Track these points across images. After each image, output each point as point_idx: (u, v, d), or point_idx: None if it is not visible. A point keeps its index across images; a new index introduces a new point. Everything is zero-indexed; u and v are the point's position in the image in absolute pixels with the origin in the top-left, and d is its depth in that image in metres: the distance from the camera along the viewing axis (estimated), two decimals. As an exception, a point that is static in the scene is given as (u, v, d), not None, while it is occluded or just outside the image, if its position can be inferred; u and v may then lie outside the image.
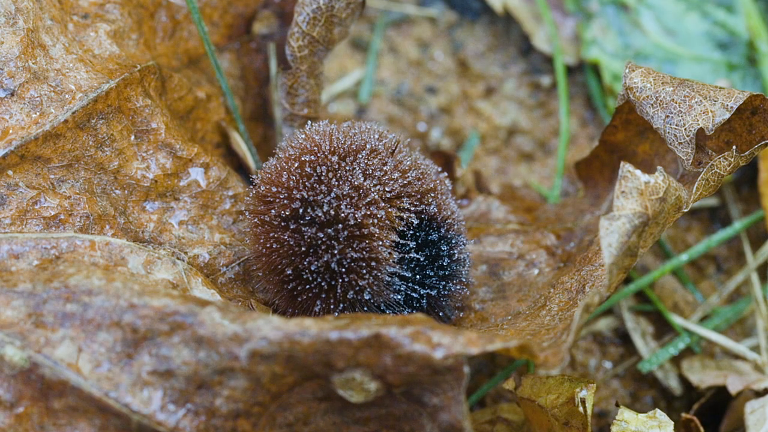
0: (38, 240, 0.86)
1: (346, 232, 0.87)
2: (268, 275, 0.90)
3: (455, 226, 0.94)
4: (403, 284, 0.91)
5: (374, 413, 0.82)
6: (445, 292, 0.93)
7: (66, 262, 0.85)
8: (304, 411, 0.81)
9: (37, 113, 0.89)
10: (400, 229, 0.90)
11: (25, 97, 0.89)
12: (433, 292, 0.93)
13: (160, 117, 0.94)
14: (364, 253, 0.87)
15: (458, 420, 0.79)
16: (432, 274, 0.92)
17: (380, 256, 0.88)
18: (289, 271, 0.88)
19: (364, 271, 0.88)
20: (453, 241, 0.93)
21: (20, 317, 0.81)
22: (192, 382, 0.80)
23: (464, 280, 0.95)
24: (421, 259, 0.92)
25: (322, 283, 0.88)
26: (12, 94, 0.89)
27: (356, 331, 0.78)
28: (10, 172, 0.88)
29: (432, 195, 0.93)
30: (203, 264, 0.93)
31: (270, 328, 0.78)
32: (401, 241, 0.90)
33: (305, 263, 0.88)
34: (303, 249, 0.87)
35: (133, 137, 0.93)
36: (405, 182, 0.91)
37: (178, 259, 0.91)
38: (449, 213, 0.94)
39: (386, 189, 0.89)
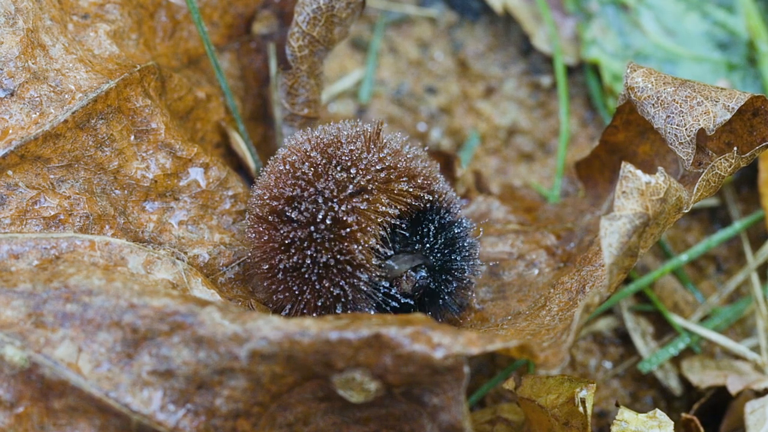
0: (38, 240, 0.86)
1: (322, 234, 0.86)
2: (253, 264, 0.91)
3: (458, 207, 0.95)
4: (381, 294, 0.90)
5: (374, 413, 0.82)
6: (468, 275, 0.93)
7: (66, 262, 0.85)
8: (304, 411, 0.81)
9: (37, 113, 0.89)
10: (400, 224, 0.90)
11: (25, 97, 0.89)
12: (431, 308, 0.93)
13: (160, 117, 0.94)
14: (340, 256, 0.86)
15: (458, 420, 0.79)
16: (457, 257, 0.92)
17: (356, 261, 0.87)
18: (265, 267, 0.89)
19: (338, 279, 0.87)
20: (464, 224, 0.94)
21: (20, 317, 0.81)
22: (192, 382, 0.79)
23: (477, 263, 0.95)
24: (425, 275, 0.92)
25: (294, 287, 0.88)
26: (12, 94, 0.89)
27: (356, 331, 0.77)
28: (9, 172, 0.88)
29: (437, 176, 0.94)
30: (203, 264, 0.93)
31: (270, 328, 0.78)
32: (391, 250, 0.90)
33: (276, 260, 0.88)
34: (276, 245, 0.88)
35: (132, 137, 0.93)
36: (409, 158, 0.91)
37: (178, 259, 0.91)
38: (453, 195, 0.95)
39: (377, 168, 0.88)
